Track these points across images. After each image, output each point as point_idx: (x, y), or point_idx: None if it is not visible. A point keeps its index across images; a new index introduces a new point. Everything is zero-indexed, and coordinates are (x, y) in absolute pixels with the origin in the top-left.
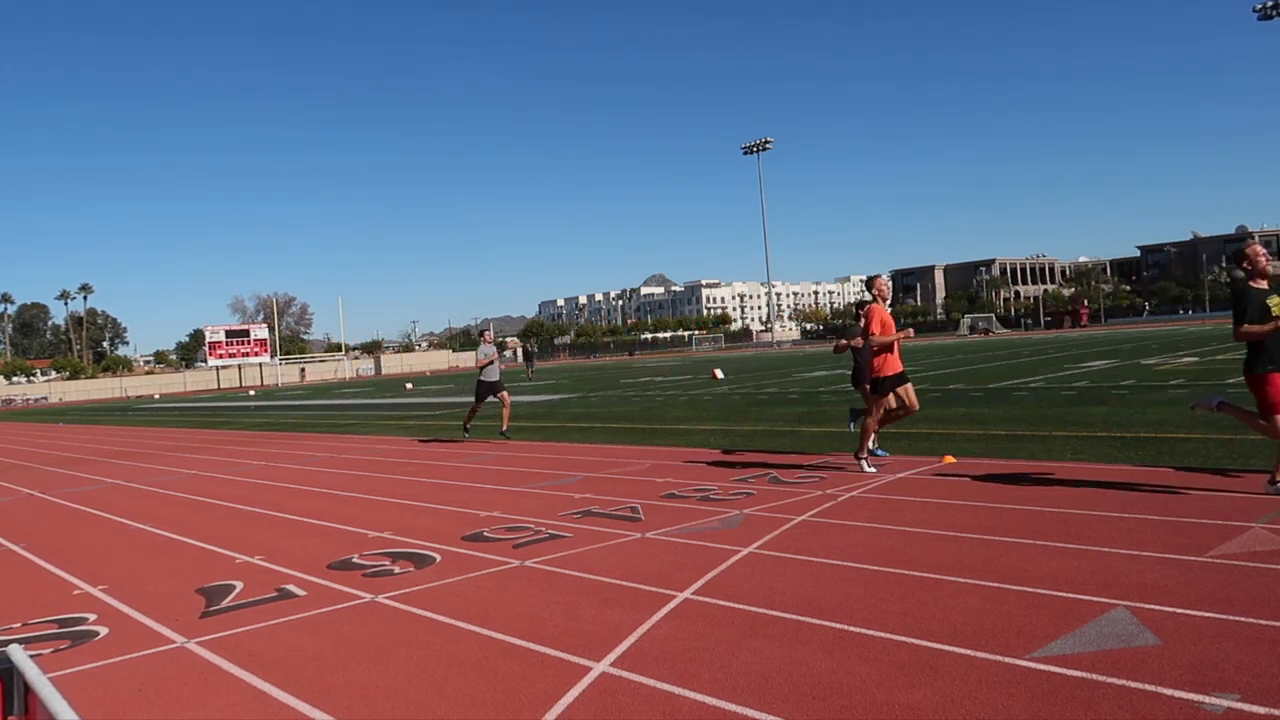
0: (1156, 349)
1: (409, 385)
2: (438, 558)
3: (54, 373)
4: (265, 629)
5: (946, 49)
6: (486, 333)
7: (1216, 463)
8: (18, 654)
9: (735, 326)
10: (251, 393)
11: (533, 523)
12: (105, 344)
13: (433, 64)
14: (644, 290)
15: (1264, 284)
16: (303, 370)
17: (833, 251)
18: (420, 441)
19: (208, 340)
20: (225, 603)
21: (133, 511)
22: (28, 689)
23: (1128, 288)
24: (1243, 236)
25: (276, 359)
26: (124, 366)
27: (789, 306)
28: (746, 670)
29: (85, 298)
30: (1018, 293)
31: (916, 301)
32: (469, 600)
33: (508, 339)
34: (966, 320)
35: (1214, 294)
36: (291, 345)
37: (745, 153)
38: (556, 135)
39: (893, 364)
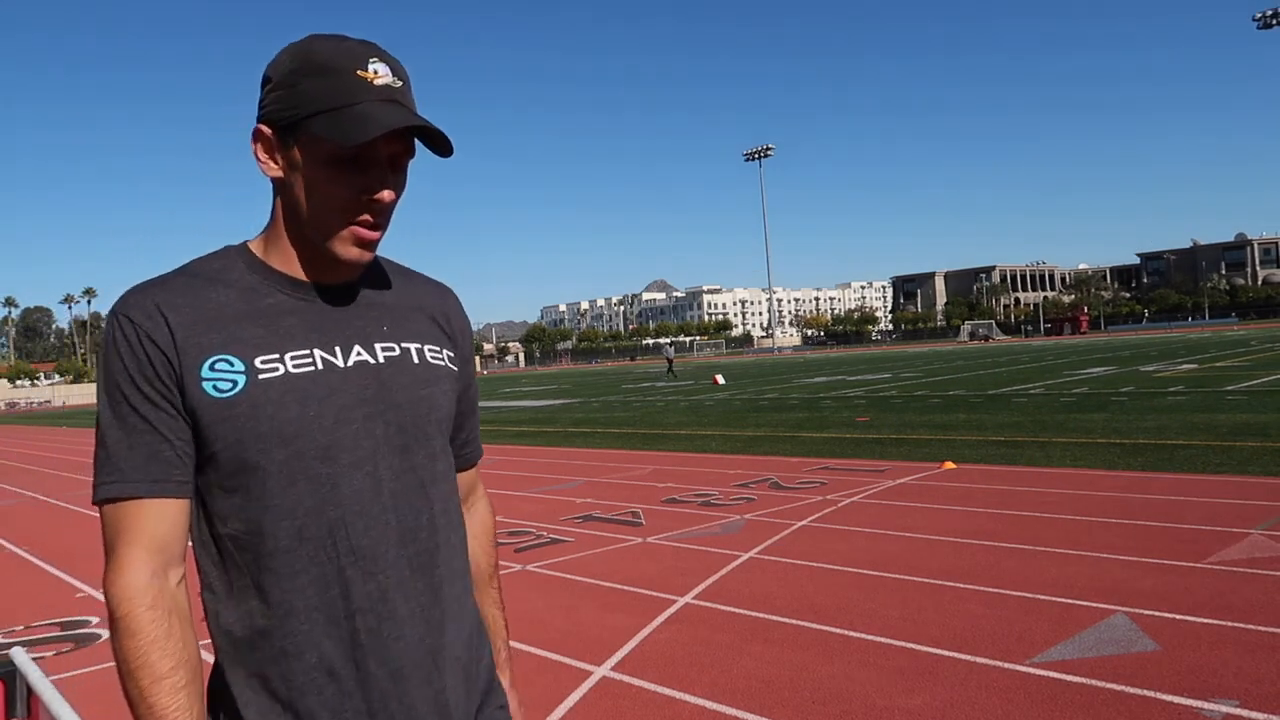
0: (1156, 356)
1: None
2: None
3: (57, 376)
4: None
5: (948, 58)
6: None
7: (1215, 469)
8: (20, 656)
9: (736, 332)
10: None
11: (534, 527)
12: None
13: (434, 66)
14: (646, 296)
15: None
16: None
17: (834, 257)
18: None
19: None
20: None
21: None
22: (30, 691)
23: (1127, 295)
24: (1242, 244)
25: None
26: None
27: (790, 312)
28: (747, 675)
29: (89, 301)
30: (1018, 299)
31: (917, 308)
32: None
33: (509, 344)
34: (967, 327)
35: (1213, 301)
36: None
37: (747, 159)
38: (559, 141)
39: None
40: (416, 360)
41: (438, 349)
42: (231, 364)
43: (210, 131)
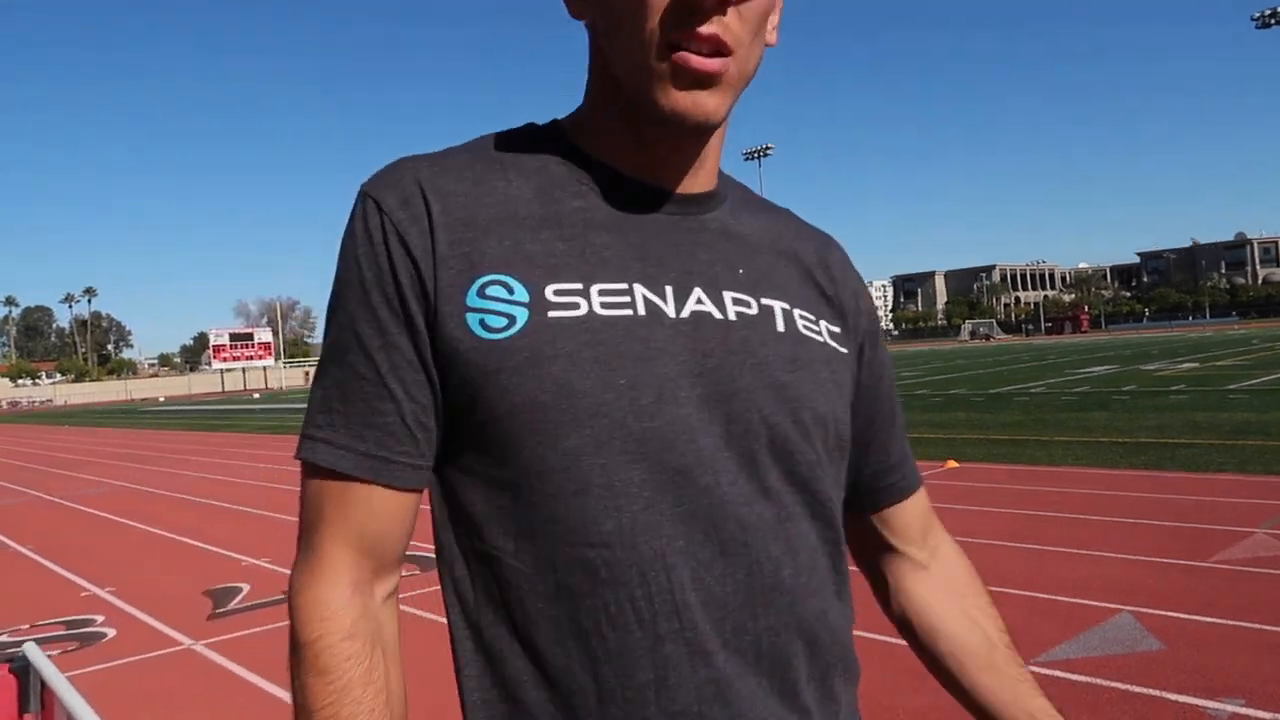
0: (1157, 354)
1: None
2: None
3: (59, 375)
4: (272, 631)
5: (947, 56)
6: None
7: (1217, 468)
8: (34, 652)
9: None
10: (256, 396)
11: None
12: (110, 347)
13: (433, 64)
14: None
15: None
16: (307, 373)
17: None
18: None
19: (212, 343)
20: (232, 605)
21: (139, 514)
22: (44, 686)
23: (1127, 294)
24: (1242, 243)
25: (280, 362)
26: (128, 369)
27: None
28: None
29: (89, 301)
30: (1018, 298)
31: (917, 307)
32: None
33: None
34: (967, 326)
35: (1213, 300)
36: (295, 348)
37: (746, 159)
38: None
39: None
40: (782, 327)
41: (813, 318)
42: (510, 290)
43: (211, 129)
